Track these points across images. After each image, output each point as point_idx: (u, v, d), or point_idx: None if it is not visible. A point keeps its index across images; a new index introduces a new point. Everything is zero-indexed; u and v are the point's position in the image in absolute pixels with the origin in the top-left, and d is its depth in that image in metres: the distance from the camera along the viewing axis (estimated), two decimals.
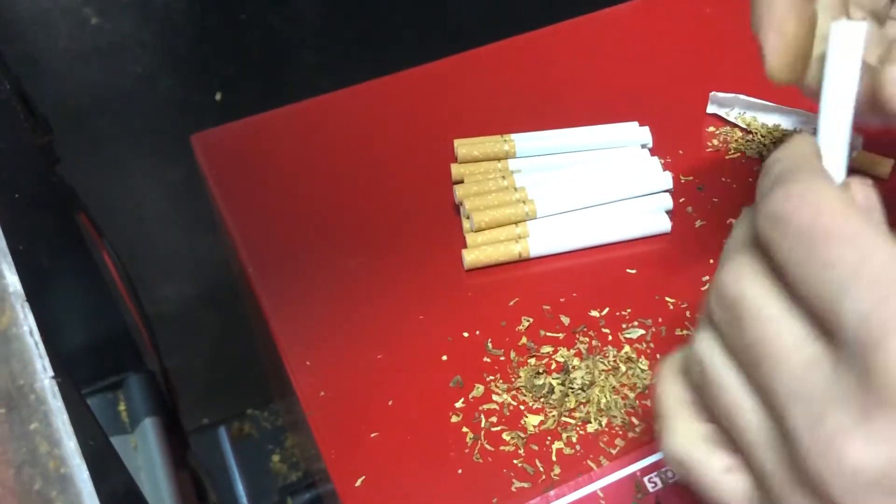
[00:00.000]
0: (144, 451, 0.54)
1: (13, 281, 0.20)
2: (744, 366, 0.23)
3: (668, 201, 0.46)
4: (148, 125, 0.79)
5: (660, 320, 0.41)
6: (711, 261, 0.44)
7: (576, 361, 0.39)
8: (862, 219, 0.21)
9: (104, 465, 0.37)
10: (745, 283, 0.23)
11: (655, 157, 0.48)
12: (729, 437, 0.24)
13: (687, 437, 0.25)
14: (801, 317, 0.22)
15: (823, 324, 0.21)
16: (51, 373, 0.19)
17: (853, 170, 0.47)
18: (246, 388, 0.94)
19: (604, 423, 0.37)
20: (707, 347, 0.24)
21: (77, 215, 0.51)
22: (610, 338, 0.40)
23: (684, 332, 0.41)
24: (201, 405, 0.89)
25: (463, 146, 0.49)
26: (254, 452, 0.89)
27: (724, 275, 0.24)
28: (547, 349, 0.40)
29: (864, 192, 0.23)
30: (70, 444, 0.19)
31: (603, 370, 0.39)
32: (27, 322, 0.20)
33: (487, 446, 0.37)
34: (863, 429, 0.20)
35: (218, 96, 0.80)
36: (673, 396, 0.26)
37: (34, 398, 0.19)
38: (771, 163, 0.24)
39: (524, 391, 0.38)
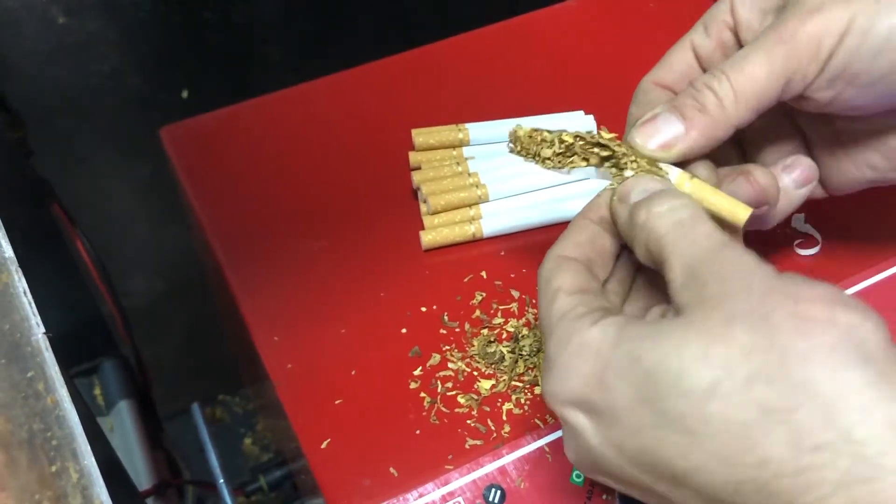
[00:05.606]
0: (120, 432, 0.56)
1: (7, 248, 0.23)
2: None
3: (608, 184, 0.49)
4: (115, 122, 0.80)
5: None
6: None
7: (525, 331, 0.42)
8: None
9: (88, 434, 0.39)
10: None
11: None
12: None
13: None
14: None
15: None
16: (42, 329, 0.22)
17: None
18: (217, 377, 0.96)
19: None
20: None
21: (51, 206, 0.53)
22: None
23: None
24: (173, 394, 0.91)
25: (420, 135, 0.52)
26: (226, 436, 0.91)
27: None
28: (498, 320, 0.43)
29: None
30: (62, 391, 0.21)
31: None
32: (21, 283, 0.22)
33: (443, 409, 0.40)
34: None
35: (184, 93, 0.82)
36: None
37: (30, 350, 0.22)
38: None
39: (477, 359, 0.42)
